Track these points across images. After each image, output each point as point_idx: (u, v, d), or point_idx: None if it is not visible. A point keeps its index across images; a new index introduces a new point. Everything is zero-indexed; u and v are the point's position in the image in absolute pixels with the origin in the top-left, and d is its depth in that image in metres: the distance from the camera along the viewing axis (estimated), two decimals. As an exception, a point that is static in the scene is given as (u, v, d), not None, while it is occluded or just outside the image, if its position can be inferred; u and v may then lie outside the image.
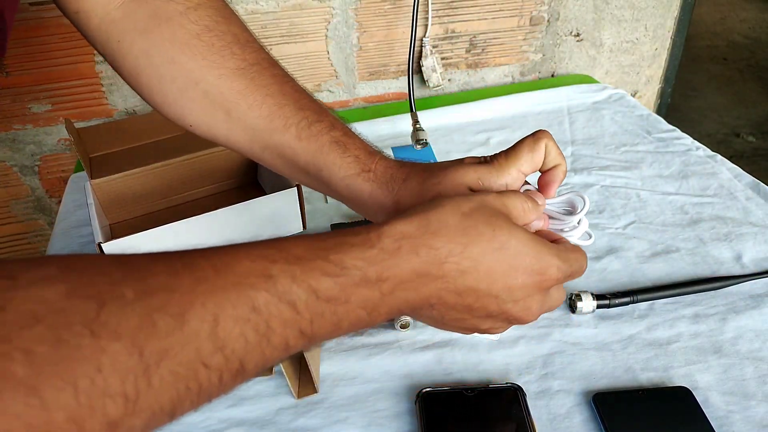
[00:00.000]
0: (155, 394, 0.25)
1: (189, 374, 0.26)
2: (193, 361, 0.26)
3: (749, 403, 0.48)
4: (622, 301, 0.57)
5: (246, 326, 0.28)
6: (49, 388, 0.22)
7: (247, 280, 0.28)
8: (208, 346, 0.26)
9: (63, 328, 0.23)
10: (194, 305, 0.26)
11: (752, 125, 2.55)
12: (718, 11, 3.68)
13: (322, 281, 0.31)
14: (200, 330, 0.26)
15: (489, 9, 1.03)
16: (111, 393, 0.23)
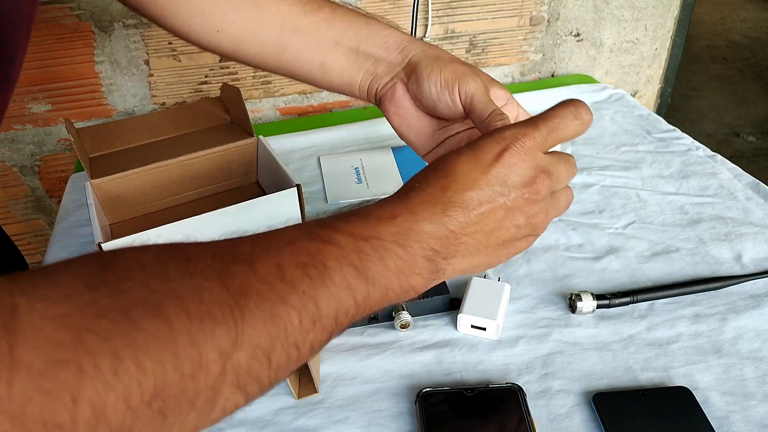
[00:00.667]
0: (251, 329, 0.27)
1: (272, 311, 0.29)
2: (273, 299, 0.29)
3: (749, 403, 0.48)
4: (622, 301, 0.57)
5: (307, 269, 0.31)
6: (168, 311, 0.25)
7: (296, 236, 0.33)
8: (281, 286, 0.29)
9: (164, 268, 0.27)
10: (258, 255, 0.31)
11: (752, 125, 2.55)
12: (718, 11, 3.68)
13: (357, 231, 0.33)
14: (269, 273, 0.30)
15: (489, 9, 1.03)
16: (216, 320, 0.26)
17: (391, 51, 0.51)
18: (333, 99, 1.05)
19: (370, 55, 0.51)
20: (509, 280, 0.61)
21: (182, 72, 0.96)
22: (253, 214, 0.64)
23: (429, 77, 0.48)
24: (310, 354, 0.31)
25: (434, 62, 0.48)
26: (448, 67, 0.48)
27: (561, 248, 0.66)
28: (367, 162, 0.85)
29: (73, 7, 0.87)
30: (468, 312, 0.55)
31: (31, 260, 1.07)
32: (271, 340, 0.28)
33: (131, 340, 0.23)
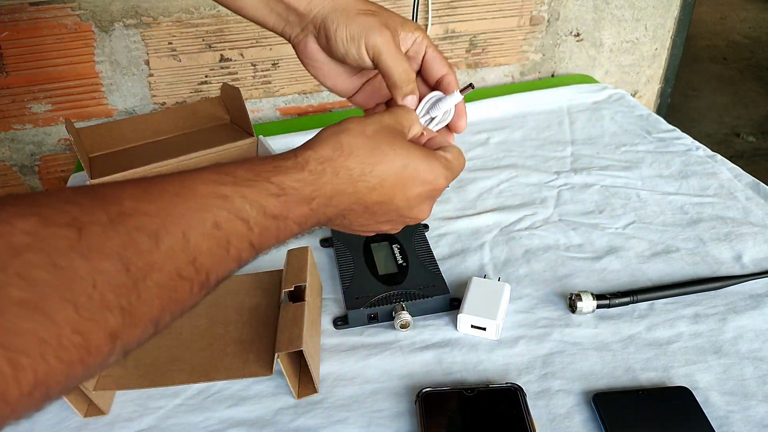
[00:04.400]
0: (146, 305, 0.28)
1: (170, 285, 0.29)
2: (173, 274, 0.29)
3: (749, 403, 0.48)
4: (622, 301, 0.57)
5: (211, 241, 0.31)
6: (52, 306, 0.24)
7: (208, 201, 0.32)
8: (183, 260, 0.30)
9: (52, 253, 0.24)
10: (166, 225, 0.29)
11: (752, 125, 2.55)
12: (718, 11, 3.68)
13: (269, 200, 0.35)
14: (175, 246, 0.29)
15: (489, 9, 1.03)
16: (109, 306, 0.26)
17: (301, 1, 0.50)
18: (333, 99, 1.05)
19: (281, 1, 0.50)
20: (509, 280, 0.61)
21: (182, 72, 0.96)
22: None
23: (336, 33, 0.48)
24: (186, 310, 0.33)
25: (341, 15, 0.48)
26: (354, 22, 0.47)
27: (561, 248, 0.66)
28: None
29: (74, 7, 0.87)
30: (468, 312, 0.55)
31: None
32: (162, 310, 0.29)
33: (4, 341, 0.22)
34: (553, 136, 0.89)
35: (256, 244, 0.34)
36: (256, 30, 0.94)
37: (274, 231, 0.36)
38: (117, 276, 0.26)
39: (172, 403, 0.51)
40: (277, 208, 0.35)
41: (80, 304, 0.25)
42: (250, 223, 0.34)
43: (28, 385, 0.23)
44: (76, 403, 0.49)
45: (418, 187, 0.43)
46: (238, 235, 0.33)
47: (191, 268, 0.30)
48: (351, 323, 0.57)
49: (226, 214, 0.32)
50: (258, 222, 0.34)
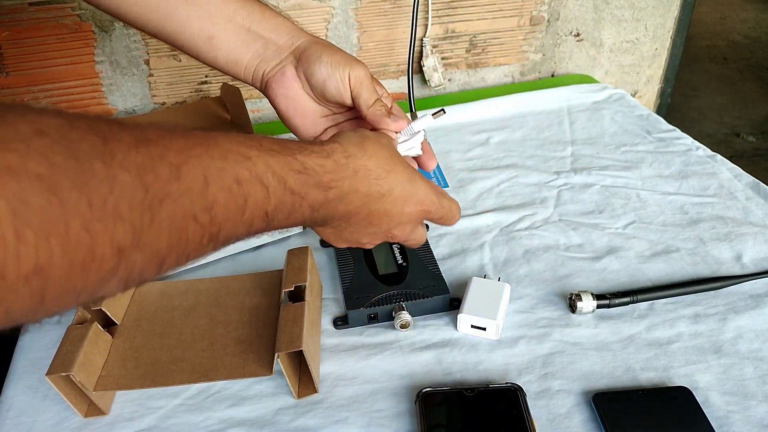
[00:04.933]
0: (155, 233, 0.27)
1: (182, 225, 0.28)
2: (187, 213, 0.29)
3: (749, 403, 0.48)
4: (622, 301, 0.57)
5: (229, 195, 0.31)
6: (65, 192, 0.23)
7: (232, 156, 0.32)
8: (200, 203, 0.29)
9: (75, 149, 0.24)
10: (189, 162, 0.29)
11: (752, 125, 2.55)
12: (718, 11, 3.68)
13: (290, 174, 0.35)
14: (194, 186, 0.29)
15: (489, 9, 1.03)
16: (122, 217, 0.25)
17: (282, 35, 0.52)
18: (333, 99, 1.05)
19: (261, 37, 0.51)
20: (509, 280, 0.61)
21: (182, 72, 0.96)
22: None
23: (320, 58, 0.50)
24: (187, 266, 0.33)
25: (324, 47, 0.51)
26: (338, 53, 0.50)
27: (561, 248, 0.66)
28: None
29: (74, 7, 0.87)
30: (468, 312, 0.55)
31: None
32: (170, 249, 0.28)
33: (12, 208, 0.21)
34: (553, 136, 0.89)
35: (270, 215, 0.34)
36: (256, 30, 0.94)
37: (288, 207, 0.36)
38: (134, 191, 0.26)
39: (172, 403, 0.51)
40: (296, 185, 0.35)
41: (94, 202, 0.24)
42: (269, 191, 0.34)
43: (28, 266, 0.22)
44: (77, 403, 0.49)
45: (415, 204, 0.45)
46: (256, 199, 0.33)
47: (206, 215, 0.30)
48: (351, 323, 0.57)
49: (248, 174, 0.32)
50: (276, 192, 0.34)
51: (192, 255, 0.31)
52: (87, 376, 0.48)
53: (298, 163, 0.36)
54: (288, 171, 0.35)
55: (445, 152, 0.87)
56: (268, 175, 0.34)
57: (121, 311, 0.56)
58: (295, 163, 0.36)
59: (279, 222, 0.36)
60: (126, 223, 0.25)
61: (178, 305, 0.57)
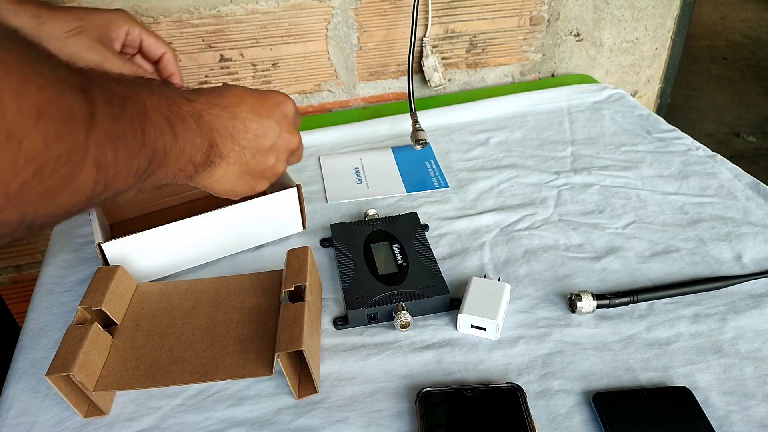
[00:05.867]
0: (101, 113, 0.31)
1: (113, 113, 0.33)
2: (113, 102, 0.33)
3: (749, 403, 0.48)
4: (622, 301, 0.57)
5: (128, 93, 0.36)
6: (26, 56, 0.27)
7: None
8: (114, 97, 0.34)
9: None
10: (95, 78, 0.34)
11: (752, 125, 2.55)
12: (718, 11, 3.68)
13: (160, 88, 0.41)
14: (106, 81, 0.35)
15: (489, 9, 1.03)
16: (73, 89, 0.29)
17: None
18: (333, 99, 1.05)
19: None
20: (509, 280, 0.61)
21: (182, 72, 0.96)
22: (253, 214, 0.64)
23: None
24: (134, 178, 0.36)
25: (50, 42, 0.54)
26: (65, 47, 0.55)
27: (561, 248, 0.66)
28: (367, 162, 0.85)
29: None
30: (468, 312, 0.55)
31: (31, 260, 1.07)
32: (117, 136, 0.33)
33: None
34: (553, 136, 0.89)
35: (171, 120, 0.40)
36: (256, 30, 0.94)
37: (176, 111, 0.40)
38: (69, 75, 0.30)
39: (172, 403, 0.51)
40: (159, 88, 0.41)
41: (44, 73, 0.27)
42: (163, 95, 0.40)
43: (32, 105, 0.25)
44: (77, 403, 0.49)
45: (273, 103, 0.50)
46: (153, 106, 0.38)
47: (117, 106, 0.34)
48: (351, 323, 0.57)
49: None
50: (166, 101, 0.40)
51: (133, 155, 0.35)
52: (87, 377, 0.48)
53: (155, 82, 0.41)
54: (157, 86, 0.40)
55: (445, 152, 0.87)
56: (146, 87, 0.39)
57: (121, 311, 0.56)
58: (154, 82, 0.41)
59: (181, 136, 0.40)
60: (77, 93, 0.29)
61: (178, 305, 0.57)
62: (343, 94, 1.05)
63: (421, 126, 0.87)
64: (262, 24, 0.94)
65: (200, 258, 0.65)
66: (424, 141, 0.85)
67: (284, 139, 0.51)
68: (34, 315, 0.61)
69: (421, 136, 0.85)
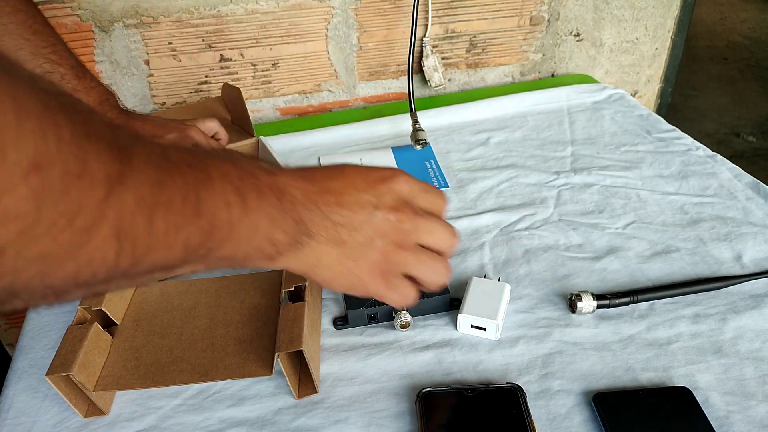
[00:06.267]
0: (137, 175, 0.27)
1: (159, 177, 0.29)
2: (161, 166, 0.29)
3: (749, 403, 0.48)
4: (622, 301, 0.57)
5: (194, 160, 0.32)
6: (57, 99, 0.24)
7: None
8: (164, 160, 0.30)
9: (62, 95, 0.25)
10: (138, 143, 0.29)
11: (752, 125, 2.55)
12: (718, 11, 3.68)
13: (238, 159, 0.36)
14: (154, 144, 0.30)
15: (489, 9, 1.03)
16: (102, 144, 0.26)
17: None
18: (333, 99, 1.05)
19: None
20: (509, 280, 0.61)
21: (182, 72, 0.96)
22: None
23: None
24: (183, 251, 0.31)
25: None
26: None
27: (561, 248, 0.66)
28: (367, 162, 0.85)
29: (74, 7, 0.87)
30: (468, 312, 0.55)
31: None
32: (156, 202, 0.28)
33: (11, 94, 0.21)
34: (553, 136, 0.89)
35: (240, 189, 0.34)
36: (256, 30, 0.94)
37: (250, 179, 0.35)
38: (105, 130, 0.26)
39: (172, 403, 0.51)
40: (249, 166, 0.36)
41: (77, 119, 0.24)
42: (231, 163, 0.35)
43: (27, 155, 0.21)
44: (77, 403, 0.49)
45: (377, 175, 0.43)
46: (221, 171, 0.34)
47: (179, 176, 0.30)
48: (351, 323, 0.57)
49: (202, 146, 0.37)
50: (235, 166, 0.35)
51: (179, 225, 0.30)
52: (87, 377, 0.48)
53: (236, 154, 0.37)
54: (233, 157, 0.36)
55: (445, 152, 0.87)
56: (218, 156, 0.34)
57: (121, 311, 0.56)
58: (233, 154, 0.37)
59: (255, 210, 0.35)
60: (108, 150, 0.25)
61: (178, 305, 0.57)
62: (343, 94, 1.05)
63: (421, 126, 0.87)
64: (262, 24, 0.94)
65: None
66: (424, 141, 0.85)
67: (390, 216, 0.42)
68: (34, 315, 0.61)
69: (421, 136, 0.85)
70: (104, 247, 0.26)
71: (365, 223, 0.41)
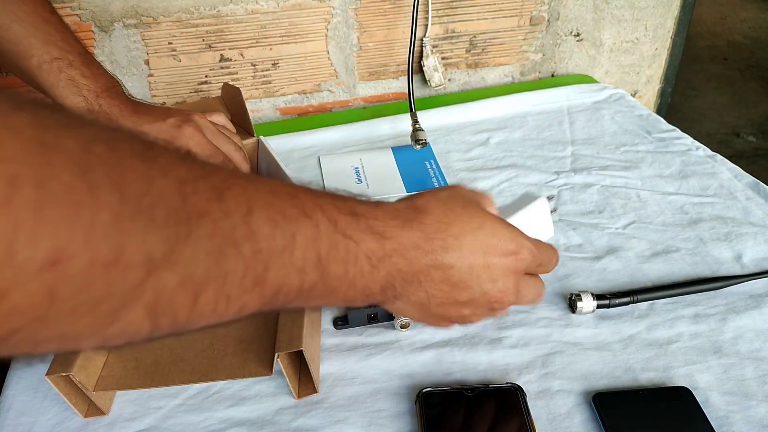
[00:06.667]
0: (191, 252, 0.24)
1: (221, 249, 0.25)
2: (227, 237, 0.25)
3: (749, 403, 0.48)
4: (622, 301, 0.57)
5: (275, 227, 0.28)
6: (100, 178, 0.20)
7: (278, 190, 0.30)
8: (242, 229, 0.26)
9: (118, 141, 0.22)
10: (232, 189, 0.26)
11: (752, 125, 2.55)
12: (718, 11, 3.68)
13: (340, 216, 0.32)
14: (236, 210, 0.26)
15: (489, 9, 1.03)
16: (155, 222, 0.22)
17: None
18: (333, 99, 1.05)
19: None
20: (509, 280, 0.61)
21: (182, 72, 0.96)
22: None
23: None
24: (233, 316, 0.28)
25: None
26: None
27: (561, 248, 0.66)
28: (367, 162, 0.85)
29: (74, 7, 0.87)
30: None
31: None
32: (208, 277, 0.25)
33: (36, 178, 0.18)
34: (553, 136, 0.89)
35: (323, 260, 0.31)
36: (256, 30, 0.94)
37: (342, 253, 0.32)
38: (172, 198, 0.23)
39: (172, 403, 0.51)
40: (347, 226, 0.32)
41: (128, 198, 0.21)
42: (318, 228, 0.30)
43: (44, 253, 0.18)
44: (77, 403, 0.49)
45: (498, 254, 0.38)
46: (305, 237, 0.29)
47: (249, 246, 0.27)
48: (351, 323, 0.57)
49: (296, 210, 0.29)
50: (326, 231, 0.31)
51: (233, 296, 0.27)
52: (87, 376, 0.48)
53: (348, 205, 0.33)
54: (337, 211, 0.32)
55: (445, 152, 0.87)
56: (317, 212, 0.30)
57: (121, 311, 0.56)
58: (344, 205, 0.32)
59: (336, 275, 0.31)
60: (159, 229, 0.22)
61: (178, 305, 0.57)
62: (343, 94, 1.05)
63: (421, 126, 0.87)
64: (262, 24, 0.94)
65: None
66: (424, 141, 0.85)
67: (492, 296, 0.39)
68: (34, 315, 0.61)
69: (421, 136, 0.85)
70: (137, 323, 0.23)
71: (462, 303, 0.39)
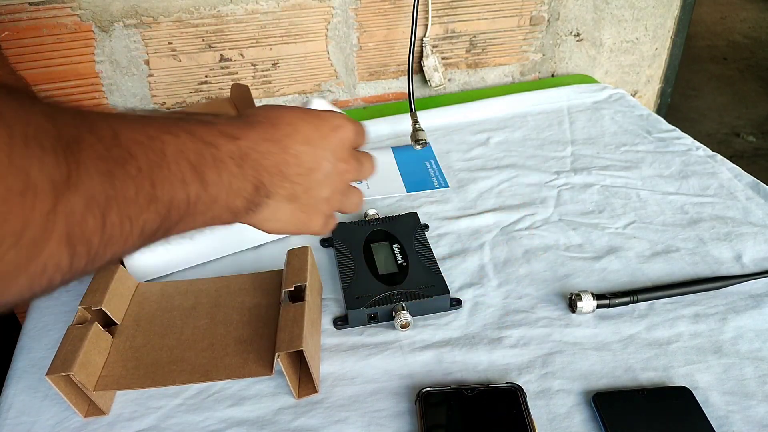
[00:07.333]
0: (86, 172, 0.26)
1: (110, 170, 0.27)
2: (109, 159, 0.28)
3: (749, 403, 0.48)
4: (622, 301, 0.57)
5: (145, 147, 0.30)
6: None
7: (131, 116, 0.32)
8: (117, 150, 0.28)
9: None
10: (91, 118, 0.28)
11: (752, 125, 2.55)
12: (718, 11, 3.68)
13: (196, 128, 0.34)
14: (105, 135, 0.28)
15: (489, 9, 1.03)
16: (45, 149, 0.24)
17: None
18: (333, 99, 1.05)
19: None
20: (509, 281, 0.61)
21: (182, 72, 0.96)
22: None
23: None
24: (140, 238, 0.30)
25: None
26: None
27: (561, 248, 0.66)
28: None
29: (74, 7, 0.87)
30: None
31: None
32: (107, 198, 0.27)
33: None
34: (553, 136, 0.89)
35: (197, 168, 0.33)
36: (256, 30, 0.94)
37: (210, 158, 0.34)
38: (47, 125, 0.25)
39: (172, 403, 0.51)
40: (205, 134, 0.35)
41: (13, 130, 0.23)
42: (181, 139, 0.33)
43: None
44: (77, 403, 0.49)
45: (329, 129, 0.43)
46: (174, 149, 0.32)
47: (131, 166, 0.29)
48: (351, 323, 0.57)
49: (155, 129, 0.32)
50: (190, 141, 0.33)
51: (134, 215, 0.29)
52: (87, 376, 0.48)
53: (196, 119, 0.36)
54: (191, 125, 0.34)
55: (445, 152, 0.87)
56: (174, 127, 0.33)
57: (122, 311, 0.56)
58: (193, 119, 0.35)
59: (212, 181, 0.34)
60: (51, 154, 0.24)
61: (179, 305, 0.57)
62: (343, 94, 1.05)
63: (421, 126, 0.87)
64: (262, 24, 0.94)
65: (200, 257, 0.65)
66: (424, 141, 0.85)
67: (339, 168, 0.44)
68: (35, 315, 0.61)
69: (421, 136, 0.85)
70: (56, 254, 0.25)
71: (321, 181, 0.43)
